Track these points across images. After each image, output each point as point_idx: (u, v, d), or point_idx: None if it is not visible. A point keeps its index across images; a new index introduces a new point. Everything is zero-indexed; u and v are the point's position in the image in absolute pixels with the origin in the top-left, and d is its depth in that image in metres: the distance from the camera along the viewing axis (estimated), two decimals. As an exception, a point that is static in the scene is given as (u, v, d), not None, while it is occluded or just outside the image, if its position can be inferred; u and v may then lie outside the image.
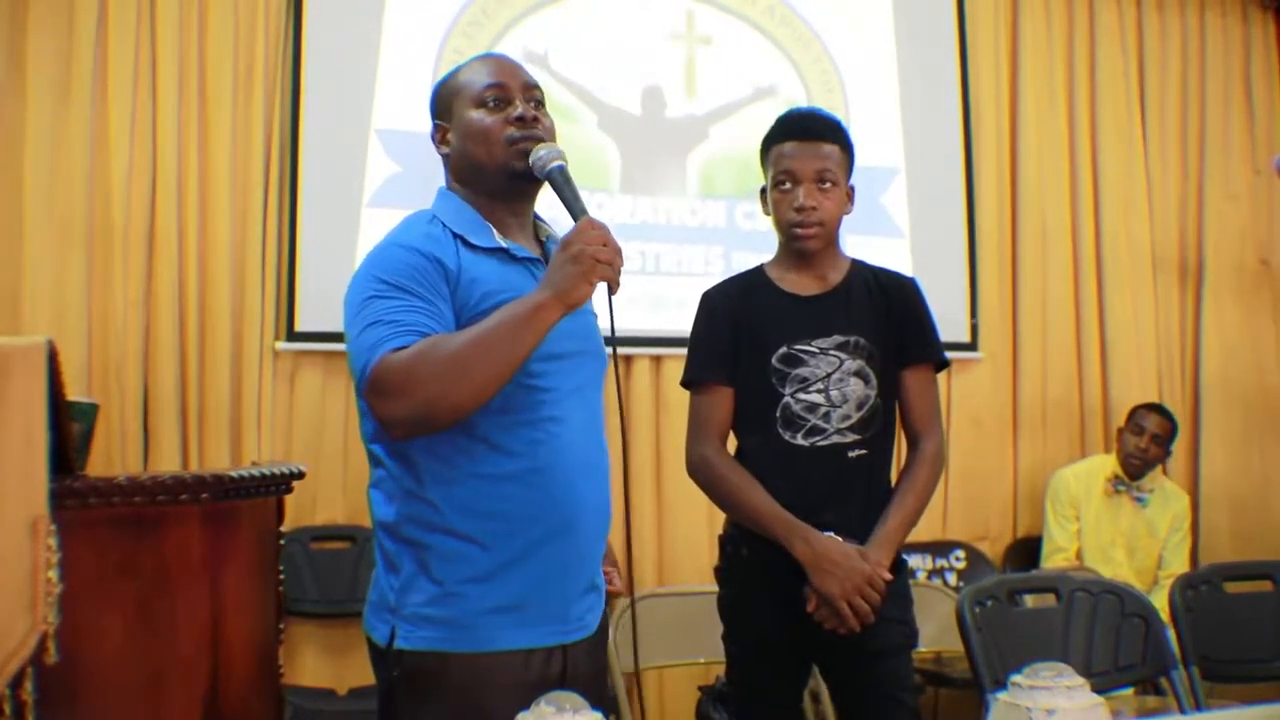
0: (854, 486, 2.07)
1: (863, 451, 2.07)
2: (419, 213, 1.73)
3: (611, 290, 1.58)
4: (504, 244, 1.68)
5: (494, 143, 1.67)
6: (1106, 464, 3.93)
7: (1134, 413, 3.94)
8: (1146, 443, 3.84)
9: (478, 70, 1.73)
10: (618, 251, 1.57)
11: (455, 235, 1.65)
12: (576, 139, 3.75)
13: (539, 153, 1.65)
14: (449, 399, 1.52)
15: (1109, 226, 4.37)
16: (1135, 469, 3.86)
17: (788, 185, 2.08)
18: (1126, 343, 4.37)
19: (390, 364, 1.51)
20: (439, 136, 1.76)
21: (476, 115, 1.69)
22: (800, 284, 2.14)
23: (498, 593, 1.60)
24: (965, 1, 4.27)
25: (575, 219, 1.61)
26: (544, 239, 1.80)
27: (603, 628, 1.76)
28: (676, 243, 3.90)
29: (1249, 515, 4.36)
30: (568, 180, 1.64)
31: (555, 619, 1.64)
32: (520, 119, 1.67)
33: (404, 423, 1.54)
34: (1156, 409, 3.93)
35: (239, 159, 3.52)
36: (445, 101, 1.75)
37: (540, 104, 1.73)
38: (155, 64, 3.43)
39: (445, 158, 1.76)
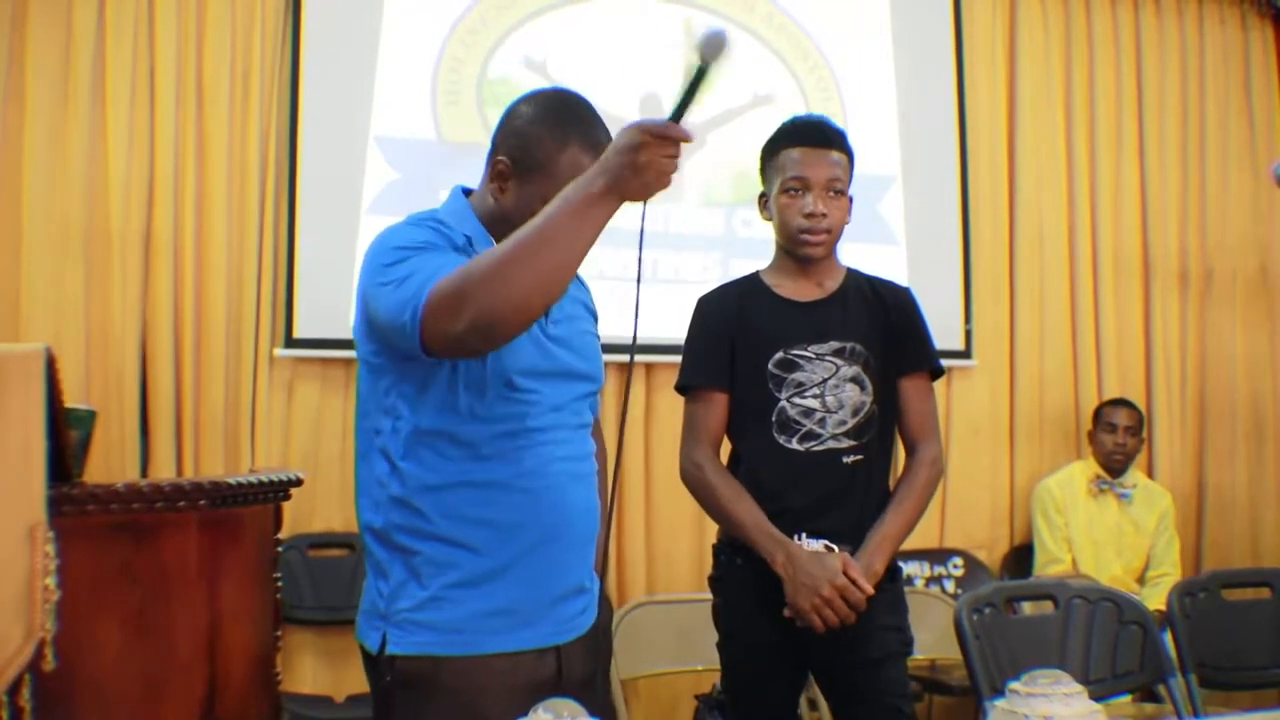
0: (850, 492, 2.06)
1: (859, 458, 2.07)
2: (420, 213, 1.71)
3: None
4: None
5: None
6: (1086, 468, 3.96)
7: (1100, 412, 3.99)
8: (1123, 436, 3.89)
9: (589, 138, 1.67)
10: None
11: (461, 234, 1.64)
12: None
13: (707, 40, 1.52)
14: (510, 295, 1.40)
15: (1105, 235, 4.37)
16: (1118, 465, 3.90)
17: (797, 191, 2.08)
18: (1123, 351, 4.37)
19: (441, 285, 1.43)
20: (503, 172, 1.65)
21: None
22: (797, 290, 2.14)
23: (487, 597, 1.61)
24: (962, 10, 4.27)
25: (674, 116, 1.50)
26: None
27: (598, 629, 1.74)
28: (674, 250, 3.89)
29: (1251, 524, 4.36)
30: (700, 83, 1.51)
31: (546, 621, 1.64)
32: None
33: (470, 333, 1.43)
34: (1122, 403, 3.99)
35: (236, 166, 3.51)
36: (534, 151, 1.64)
37: None
38: (154, 71, 3.43)
39: (495, 191, 1.66)
